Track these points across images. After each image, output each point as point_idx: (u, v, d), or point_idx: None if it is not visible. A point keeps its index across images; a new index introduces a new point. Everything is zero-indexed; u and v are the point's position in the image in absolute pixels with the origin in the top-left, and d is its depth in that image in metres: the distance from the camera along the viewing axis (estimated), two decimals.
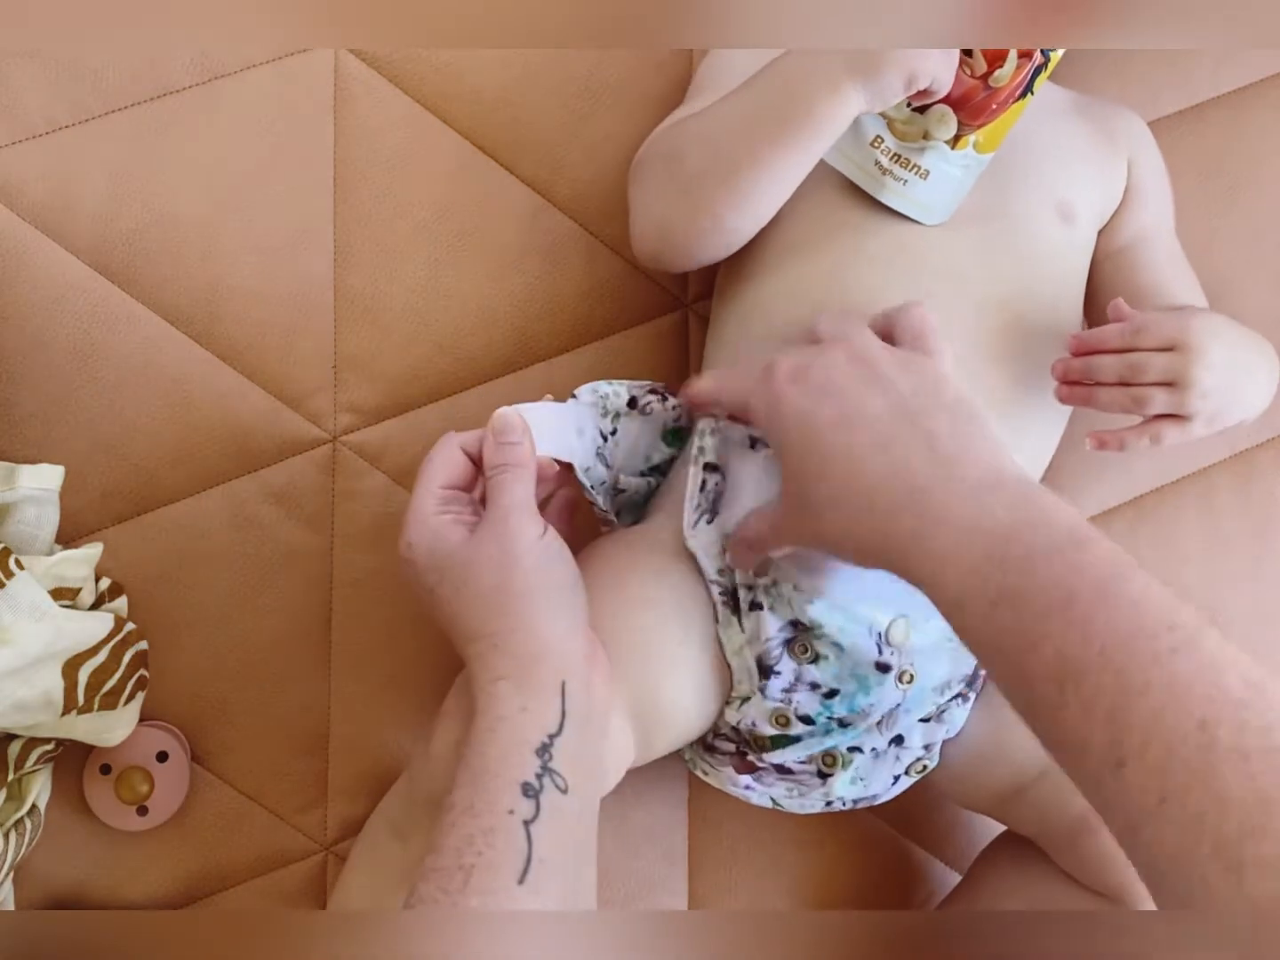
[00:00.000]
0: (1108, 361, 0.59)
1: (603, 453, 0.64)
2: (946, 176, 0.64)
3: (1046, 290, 0.65)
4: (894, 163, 0.64)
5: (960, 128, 0.63)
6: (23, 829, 0.64)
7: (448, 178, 0.73)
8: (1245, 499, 0.78)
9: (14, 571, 0.58)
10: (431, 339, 0.73)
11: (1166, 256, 0.70)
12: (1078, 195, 0.67)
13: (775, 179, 0.62)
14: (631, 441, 0.66)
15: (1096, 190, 0.68)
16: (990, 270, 0.64)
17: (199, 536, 0.71)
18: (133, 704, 0.65)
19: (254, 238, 0.71)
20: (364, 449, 0.72)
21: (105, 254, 0.69)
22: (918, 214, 0.64)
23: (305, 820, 0.73)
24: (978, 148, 0.64)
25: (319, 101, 0.71)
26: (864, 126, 0.64)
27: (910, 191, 0.64)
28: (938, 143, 0.63)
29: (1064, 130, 0.68)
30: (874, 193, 0.64)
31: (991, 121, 0.63)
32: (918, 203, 0.64)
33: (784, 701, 0.62)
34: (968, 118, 0.63)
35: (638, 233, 0.67)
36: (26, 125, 0.69)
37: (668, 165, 0.65)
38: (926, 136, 0.63)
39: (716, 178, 0.62)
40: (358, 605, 0.72)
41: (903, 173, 0.64)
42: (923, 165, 0.64)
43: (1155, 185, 0.71)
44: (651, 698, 0.61)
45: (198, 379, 0.70)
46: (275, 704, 0.72)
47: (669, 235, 0.65)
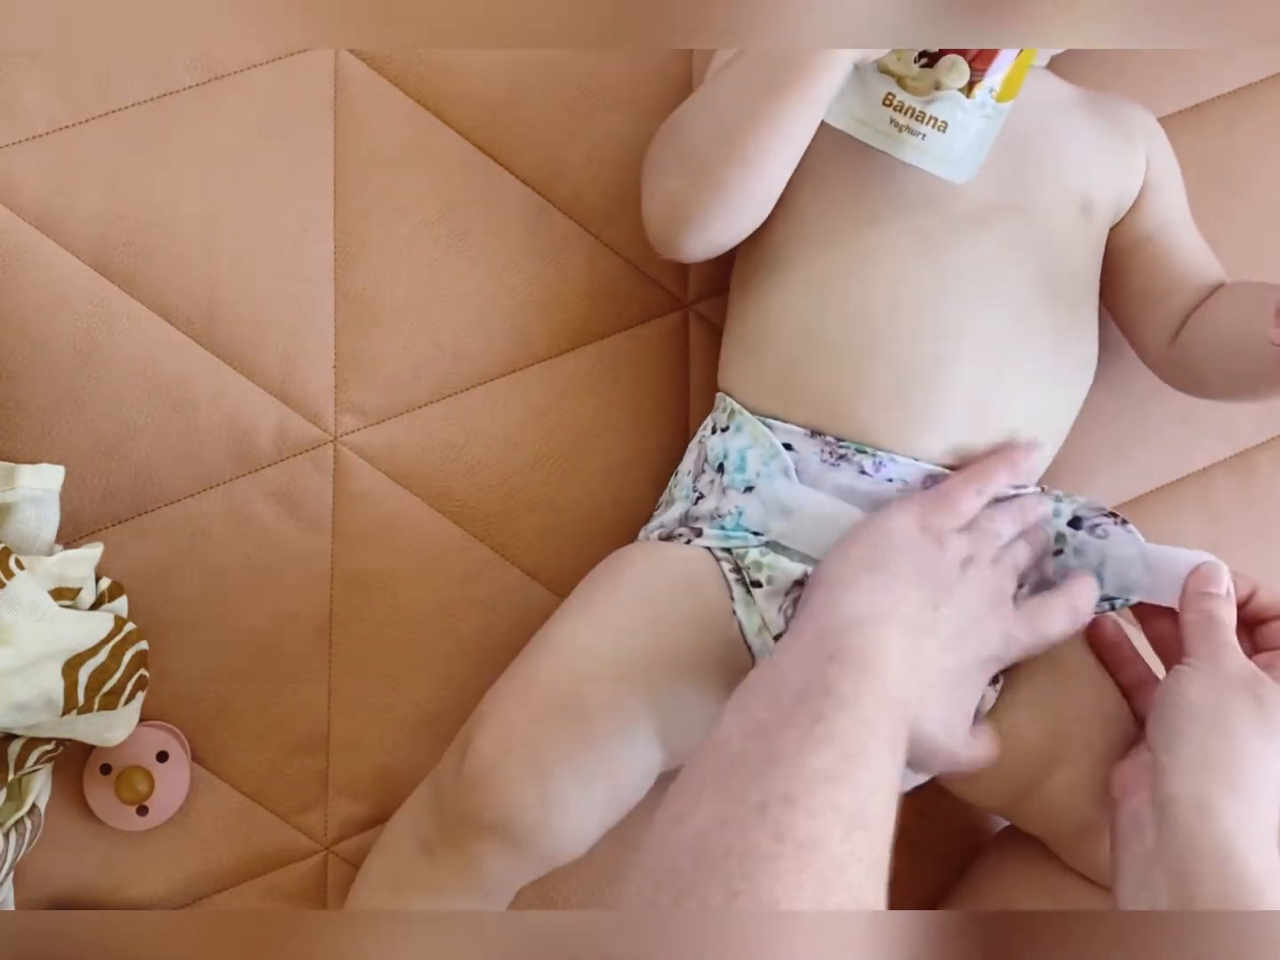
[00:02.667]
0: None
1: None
2: (965, 127, 0.62)
3: (1067, 284, 0.66)
4: (909, 118, 0.62)
5: (972, 73, 0.62)
6: (23, 829, 0.64)
7: (448, 178, 0.73)
8: (1245, 499, 0.78)
9: (14, 571, 0.58)
10: (432, 339, 0.73)
11: (1194, 242, 0.70)
12: (1097, 189, 0.67)
13: (774, 134, 0.61)
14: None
15: (1113, 184, 0.68)
16: (1013, 263, 0.64)
17: (199, 536, 0.71)
18: (133, 704, 0.65)
19: (254, 238, 0.71)
20: (364, 449, 0.72)
21: (105, 254, 0.69)
22: (940, 170, 0.63)
23: (305, 820, 0.73)
24: (995, 96, 0.62)
25: (319, 101, 0.71)
26: (873, 87, 0.62)
27: (930, 146, 0.62)
28: (951, 91, 0.62)
29: (1080, 124, 0.68)
30: (893, 152, 0.63)
31: (1005, 67, 0.62)
32: (939, 157, 0.62)
33: None
34: (979, 63, 0.61)
35: (648, 215, 0.66)
36: (26, 125, 0.69)
37: (671, 142, 0.65)
38: (939, 87, 0.62)
39: (714, 140, 0.62)
40: (358, 605, 0.72)
41: (920, 127, 0.62)
42: (939, 117, 0.62)
43: (1172, 176, 0.71)
44: (679, 713, 0.62)
45: (198, 379, 0.70)
46: (275, 704, 0.72)
47: (676, 210, 0.63)
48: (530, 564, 0.73)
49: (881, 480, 0.63)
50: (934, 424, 0.63)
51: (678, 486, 0.70)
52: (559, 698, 0.61)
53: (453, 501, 0.73)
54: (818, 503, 0.63)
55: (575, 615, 0.65)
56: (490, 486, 0.73)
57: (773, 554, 0.64)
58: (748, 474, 0.65)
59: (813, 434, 0.64)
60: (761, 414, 0.66)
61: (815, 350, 0.64)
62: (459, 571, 0.73)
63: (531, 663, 0.63)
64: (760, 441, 0.65)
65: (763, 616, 0.63)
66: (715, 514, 0.66)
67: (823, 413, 0.64)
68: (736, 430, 0.66)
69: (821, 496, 0.63)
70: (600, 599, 0.65)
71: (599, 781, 0.60)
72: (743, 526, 0.65)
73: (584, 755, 0.60)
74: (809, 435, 0.64)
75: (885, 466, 0.63)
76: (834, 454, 0.64)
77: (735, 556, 0.64)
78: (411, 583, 0.72)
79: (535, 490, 0.73)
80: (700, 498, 0.67)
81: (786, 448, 0.64)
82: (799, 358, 0.65)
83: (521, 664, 0.64)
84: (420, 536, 0.72)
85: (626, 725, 0.60)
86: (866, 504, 0.63)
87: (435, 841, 0.62)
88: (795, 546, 0.64)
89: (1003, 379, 0.63)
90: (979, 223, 0.64)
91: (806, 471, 0.64)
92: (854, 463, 0.63)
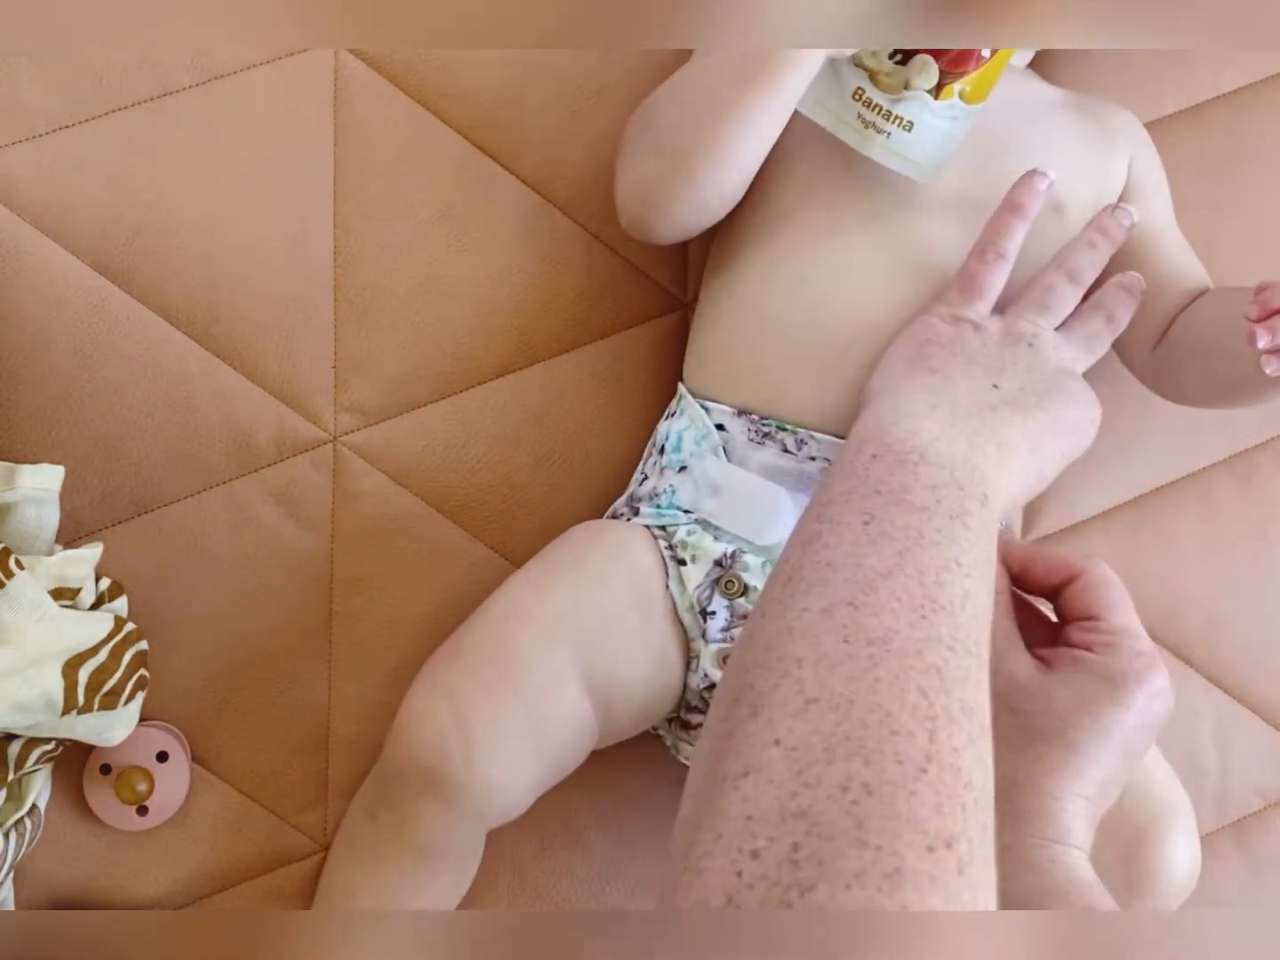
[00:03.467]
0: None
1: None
2: (932, 128, 0.63)
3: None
4: (876, 115, 0.63)
5: (943, 76, 0.62)
6: (23, 829, 0.64)
7: (448, 178, 0.73)
8: (1245, 499, 0.78)
9: (14, 571, 0.58)
10: (431, 339, 0.73)
11: (1179, 247, 0.70)
12: (1068, 189, 0.67)
13: (746, 125, 0.61)
14: None
15: (1088, 185, 0.68)
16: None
17: (199, 536, 0.71)
18: (133, 704, 0.65)
19: (254, 238, 0.71)
20: (364, 449, 0.72)
21: (105, 254, 0.69)
22: (903, 169, 0.63)
23: (305, 820, 0.73)
24: (964, 98, 0.63)
25: (319, 101, 0.71)
26: (846, 79, 0.63)
27: (895, 145, 0.63)
28: (920, 92, 0.62)
29: (1056, 125, 0.69)
30: (858, 147, 0.63)
31: (976, 70, 0.62)
32: (903, 157, 0.63)
33: (725, 640, 0.64)
34: (950, 66, 0.62)
35: (620, 199, 0.67)
36: (26, 125, 0.69)
37: (642, 127, 0.66)
38: (908, 86, 0.62)
39: (687, 128, 0.62)
40: (358, 605, 0.72)
41: (886, 125, 0.63)
42: (905, 116, 0.63)
43: (1157, 180, 0.71)
44: (608, 668, 0.62)
45: (198, 379, 0.70)
46: (275, 704, 0.72)
47: (648, 196, 0.65)
48: None
49: (804, 459, 0.64)
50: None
51: (635, 474, 0.72)
52: (485, 650, 0.62)
53: (453, 501, 0.73)
54: (744, 480, 0.65)
55: (510, 581, 0.66)
56: (490, 486, 0.73)
57: (700, 532, 0.65)
58: (682, 454, 0.67)
59: (740, 413, 0.65)
60: (704, 397, 0.68)
61: (754, 324, 0.66)
62: (459, 571, 0.73)
63: (463, 625, 0.64)
64: (696, 423, 0.67)
65: (689, 594, 0.64)
66: (653, 493, 0.68)
67: (753, 388, 0.65)
68: (680, 414, 0.69)
69: (747, 475, 0.65)
70: (533, 565, 0.66)
71: (525, 731, 0.60)
72: (675, 505, 0.66)
73: (508, 705, 0.60)
74: (736, 414, 0.65)
75: (806, 445, 0.64)
76: (759, 432, 0.65)
77: (668, 534, 0.66)
78: (411, 583, 0.72)
79: (535, 490, 0.73)
80: (644, 479, 0.70)
81: (719, 429, 0.66)
82: (738, 332, 0.66)
83: (457, 629, 0.65)
84: (420, 536, 0.72)
85: (552, 677, 0.61)
86: (791, 483, 0.64)
87: (376, 805, 0.64)
88: (723, 525, 0.65)
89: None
90: (942, 212, 0.65)
91: (734, 451, 0.65)
92: (777, 440, 0.64)
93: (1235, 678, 0.77)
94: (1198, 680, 0.77)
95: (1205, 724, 0.77)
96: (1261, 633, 0.77)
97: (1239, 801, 0.77)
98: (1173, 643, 0.77)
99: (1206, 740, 0.77)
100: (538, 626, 0.62)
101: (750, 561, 0.64)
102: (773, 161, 0.65)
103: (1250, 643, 0.77)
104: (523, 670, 0.61)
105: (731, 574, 0.64)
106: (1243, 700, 0.78)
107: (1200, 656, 0.77)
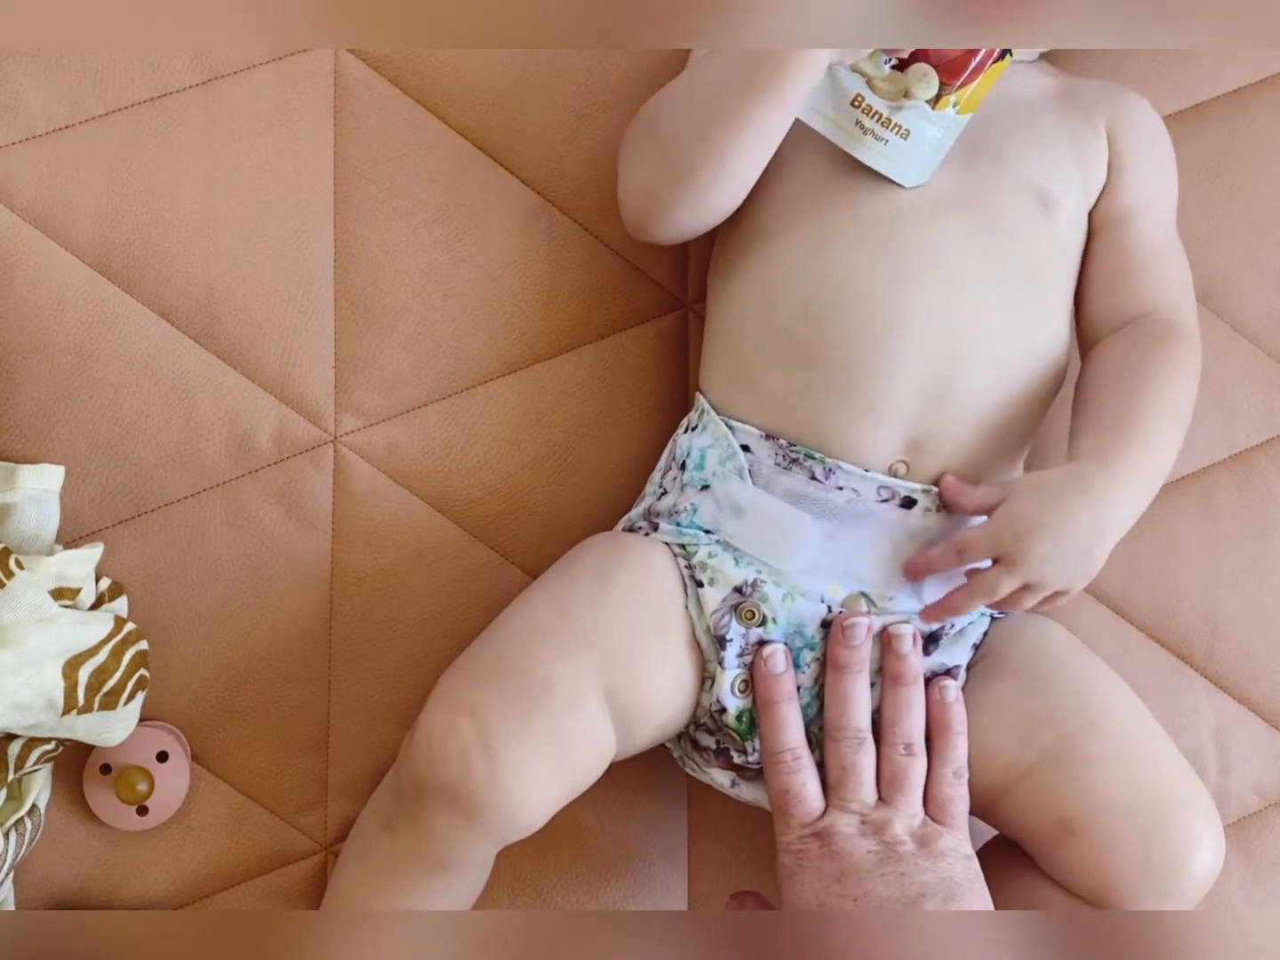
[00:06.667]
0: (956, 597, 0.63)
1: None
2: (926, 137, 0.64)
3: (1027, 276, 0.65)
4: (875, 122, 0.64)
5: (941, 87, 0.63)
6: (23, 829, 0.64)
7: (448, 178, 0.73)
8: (1245, 499, 0.78)
9: (14, 571, 0.58)
10: (431, 339, 0.73)
11: (1146, 241, 0.69)
12: (1058, 184, 0.67)
13: (749, 134, 0.62)
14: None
15: (1078, 178, 0.68)
16: (969, 253, 0.64)
17: (199, 536, 0.71)
18: (133, 704, 0.65)
19: (254, 238, 0.71)
20: (364, 449, 0.72)
21: (105, 254, 0.69)
22: (896, 174, 0.64)
23: (305, 820, 0.73)
24: (957, 109, 0.64)
25: (319, 101, 0.71)
26: (845, 86, 0.64)
27: (890, 151, 0.64)
28: (919, 102, 0.64)
29: (1046, 119, 0.68)
30: (854, 152, 0.64)
31: (972, 82, 0.63)
32: (896, 163, 0.64)
33: (741, 668, 0.63)
34: (948, 76, 0.63)
35: (622, 200, 0.67)
36: (26, 125, 0.69)
37: (646, 131, 0.66)
38: (907, 95, 0.64)
39: (691, 136, 0.63)
40: (358, 605, 0.72)
41: (884, 132, 0.64)
42: (903, 125, 0.64)
43: (1139, 164, 0.69)
44: (630, 688, 0.62)
45: (198, 379, 0.70)
46: (275, 704, 0.72)
47: (650, 200, 0.65)
48: (530, 564, 0.73)
49: (831, 488, 0.64)
50: (883, 416, 0.64)
51: (650, 483, 0.71)
52: (506, 666, 0.61)
53: (453, 501, 0.73)
54: (768, 506, 0.64)
55: (530, 594, 0.66)
56: (490, 486, 0.73)
57: (720, 554, 0.65)
58: (705, 472, 0.66)
59: (767, 436, 0.65)
60: (726, 414, 0.67)
61: (768, 346, 0.65)
62: (459, 571, 0.73)
63: (482, 638, 0.64)
64: (720, 442, 0.66)
65: (706, 617, 0.64)
66: (673, 510, 0.67)
67: (777, 411, 0.65)
68: (703, 429, 0.68)
69: (773, 499, 0.64)
70: (554, 578, 0.66)
71: (547, 750, 0.60)
72: (696, 523, 0.66)
73: (530, 721, 0.60)
74: (764, 438, 0.65)
75: (834, 474, 0.64)
76: (786, 458, 0.64)
77: (688, 553, 0.65)
78: (411, 583, 0.72)
79: (535, 490, 0.73)
80: (664, 493, 0.69)
81: (745, 449, 0.65)
82: (755, 354, 0.66)
83: (475, 642, 0.65)
84: (420, 536, 0.72)
85: (575, 696, 0.61)
86: (816, 510, 0.64)
87: (393, 816, 0.63)
88: (743, 548, 0.65)
89: (956, 367, 0.63)
90: (934, 213, 0.65)
91: (760, 474, 0.65)
92: (805, 468, 0.64)
93: (1235, 678, 0.77)
94: (1198, 680, 0.77)
95: (1205, 724, 0.77)
96: (1261, 633, 0.77)
97: (1239, 802, 0.77)
98: (1173, 643, 0.77)
99: (1206, 740, 0.77)
100: (560, 644, 0.62)
101: (770, 593, 0.64)
102: (772, 166, 0.65)
103: (1250, 643, 0.77)
104: (545, 689, 0.60)
105: (751, 603, 0.64)
106: (1242, 700, 0.78)
107: (1200, 656, 0.77)
